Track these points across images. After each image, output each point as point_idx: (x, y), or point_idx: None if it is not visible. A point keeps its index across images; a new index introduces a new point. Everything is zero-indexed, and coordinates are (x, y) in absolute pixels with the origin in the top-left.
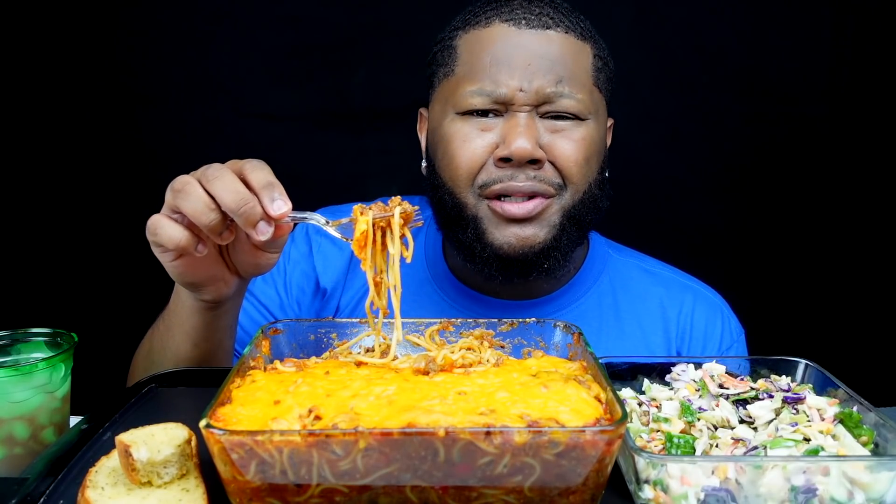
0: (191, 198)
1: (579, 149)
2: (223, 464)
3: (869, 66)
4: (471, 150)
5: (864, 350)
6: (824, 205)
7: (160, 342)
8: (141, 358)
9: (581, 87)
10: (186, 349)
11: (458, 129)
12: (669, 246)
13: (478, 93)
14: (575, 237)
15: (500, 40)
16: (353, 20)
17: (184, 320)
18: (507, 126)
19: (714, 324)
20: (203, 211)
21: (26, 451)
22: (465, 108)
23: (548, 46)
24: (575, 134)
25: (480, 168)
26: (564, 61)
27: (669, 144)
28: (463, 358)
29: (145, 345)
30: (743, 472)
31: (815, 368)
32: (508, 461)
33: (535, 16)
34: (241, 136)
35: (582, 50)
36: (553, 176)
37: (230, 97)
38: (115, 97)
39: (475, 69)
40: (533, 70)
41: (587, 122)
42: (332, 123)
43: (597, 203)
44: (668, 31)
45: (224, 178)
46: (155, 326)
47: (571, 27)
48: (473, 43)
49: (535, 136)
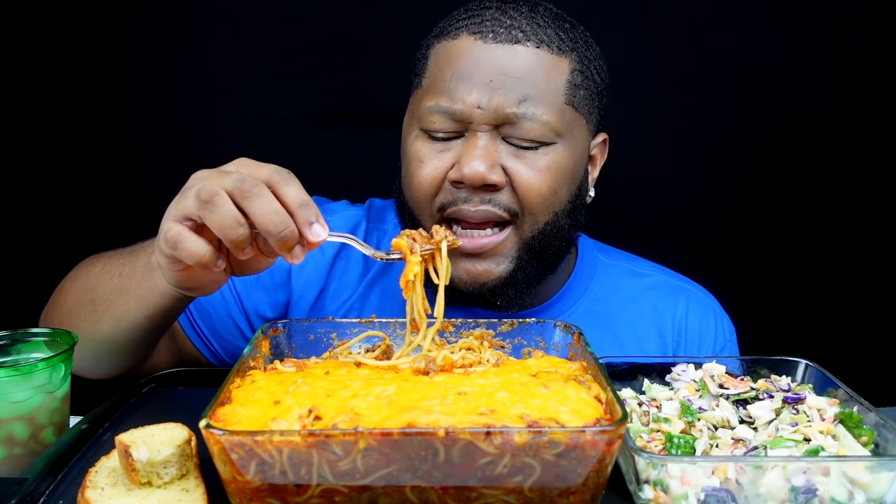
0: (220, 211)
1: (543, 178)
2: (223, 464)
3: (869, 66)
4: (427, 171)
5: (864, 350)
6: (824, 205)
7: (107, 294)
8: (74, 291)
9: (549, 108)
10: (138, 318)
11: (418, 149)
12: (668, 246)
13: (435, 109)
14: (538, 269)
15: (464, 54)
16: (353, 20)
17: (148, 297)
18: (464, 147)
19: (707, 325)
20: (232, 226)
21: (26, 451)
22: (426, 125)
23: (513, 62)
24: (540, 161)
25: (438, 190)
26: (531, 79)
27: (669, 144)
28: (463, 358)
29: (84, 281)
30: (743, 472)
31: (815, 368)
32: (508, 461)
33: (505, 28)
34: (241, 136)
35: (555, 66)
36: (510, 202)
37: (230, 97)
38: (116, 97)
39: (437, 83)
40: (494, 87)
41: (555, 145)
42: (332, 123)
43: (563, 233)
44: (668, 31)
45: (262, 198)
46: (106, 271)
47: (546, 41)
48: (441, 55)
49: (493, 159)
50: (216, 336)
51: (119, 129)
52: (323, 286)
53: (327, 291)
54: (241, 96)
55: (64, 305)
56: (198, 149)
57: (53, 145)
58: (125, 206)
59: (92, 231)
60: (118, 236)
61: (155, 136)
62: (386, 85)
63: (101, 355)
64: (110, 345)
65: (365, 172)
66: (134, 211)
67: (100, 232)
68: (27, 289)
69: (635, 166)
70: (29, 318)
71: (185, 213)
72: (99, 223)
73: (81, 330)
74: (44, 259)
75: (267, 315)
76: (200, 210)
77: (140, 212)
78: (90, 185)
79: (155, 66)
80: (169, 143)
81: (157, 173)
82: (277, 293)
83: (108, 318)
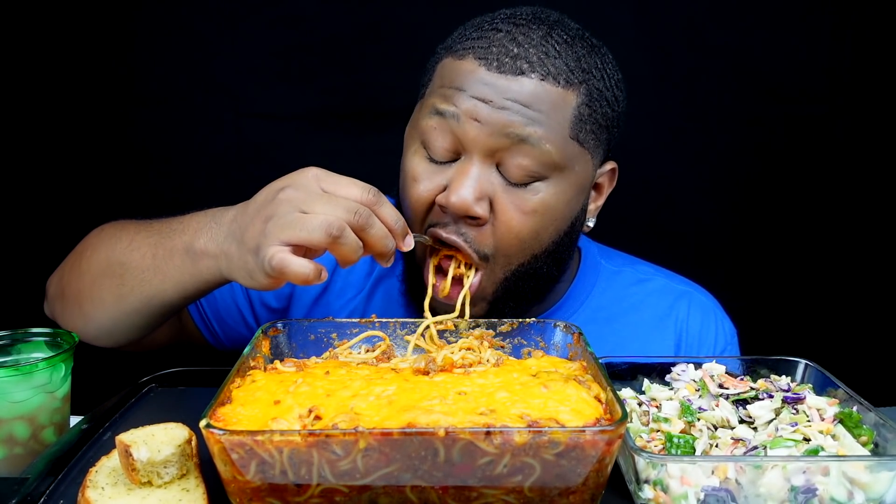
0: (348, 243)
1: (526, 220)
2: (223, 464)
3: (869, 66)
4: (419, 191)
5: (864, 350)
6: (824, 204)
7: (139, 272)
8: (98, 262)
9: (552, 137)
10: (174, 299)
11: (414, 166)
12: (668, 246)
13: (433, 111)
14: (515, 305)
15: (466, 76)
16: (353, 20)
17: (189, 282)
18: (456, 172)
19: (709, 328)
20: (353, 252)
21: (26, 450)
22: (425, 133)
23: (518, 92)
24: (529, 201)
25: (428, 211)
26: (535, 107)
27: (669, 144)
28: (463, 358)
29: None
30: (743, 472)
31: (815, 368)
32: (508, 461)
33: (511, 58)
34: (241, 136)
35: (561, 99)
36: (482, 244)
37: (230, 97)
38: (116, 97)
39: (437, 92)
40: (495, 107)
41: (549, 181)
42: (332, 123)
43: (541, 273)
44: (668, 31)
45: (375, 227)
46: (136, 248)
47: (553, 72)
48: (446, 71)
49: (483, 190)
50: (219, 320)
51: (119, 129)
52: (328, 282)
53: (332, 287)
54: (241, 96)
55: (86, 274)
56: (198, 149)
57: (53, 145)
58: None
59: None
60: None
61: (155, 136)
62: (386, 85)
63: (120, 326)
64: (134, 317)
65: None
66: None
67: None
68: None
69: (635, 166)
70: (29, 318)
71: (296, 242)
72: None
73: (105, 300)
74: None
75: (271, 304)
76: (331, 244)
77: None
78: (90, 185)
79: (155, 66)
80: (169, 143)
81: (157, 173)
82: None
83: (139, 294)
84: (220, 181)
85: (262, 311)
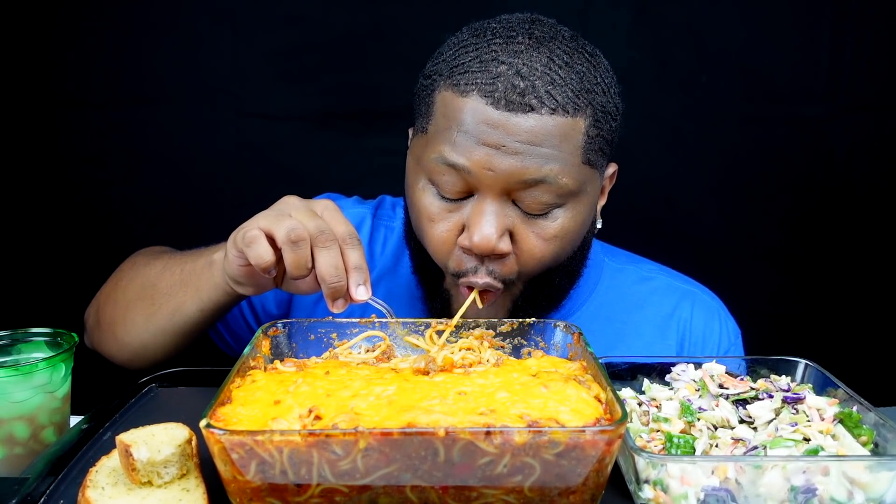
0: (299, 252)
1: (547, 247)
2: (223, 464)
3: (869, 66)
4: (438, 232)
5: (864, 350)
6: (824, 205)
7: (167, 289)
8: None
9: (567, 170)
10: (192, 311)
11: (427, 205)
12: (668, 246)
13: (441, 160)
14: (531, 309)
15: (473, 117)
16: (353, 20)
17: (204, 290)
18: (473, 211)
19: (712, 328)
20: (300, 266)
21: (27, 450)
22: (434, 178)
23: (529, 132)
24: (549, 228)
25: (450, 253)
26: (548, 144)
27: (669, 144)
28: (463, 358)
29: (144, 277)
30: (743, 472)
31: (815, 368)
32: (508, 461)
33: (518, 94)
34: (241, 136)
35: (571, 128)
36: (508, 272)
37: (230, 97)
38: (116, 97)
39: (444, 134)
40: (507, 152)
41: (565, 207)
42: (332, 123)
43: (555, 283)
44: (668, 31)
45: (331, 252)
46: (167, 269)
47: (562, 103)
48: (449, 107)
49: (503, 226)
50: (229, 331)
51: (119, 128)
52: None
53: None
54: (241, 96)
55: (121, 301)
56: (198, 149)
57: (53, 145)
58: (125, 206)
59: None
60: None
61: (155, 136)
62: (386, 85)
63: (149, 348)
64: (160, 336)
65: (365, 172)
66: (134, 210)
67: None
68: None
69: (635, 166)
70: (29, 318)
71: (270, 232)
72: (99, 223)
73: (136, 323)
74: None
75: (272, 311)
76: (285, 244)
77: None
78: (89, 185)
79: (155, 66)
80: (169, 143)
81: (157, 173)
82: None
83: (165, 311)
84: (220, 181)
85: (265, 316)
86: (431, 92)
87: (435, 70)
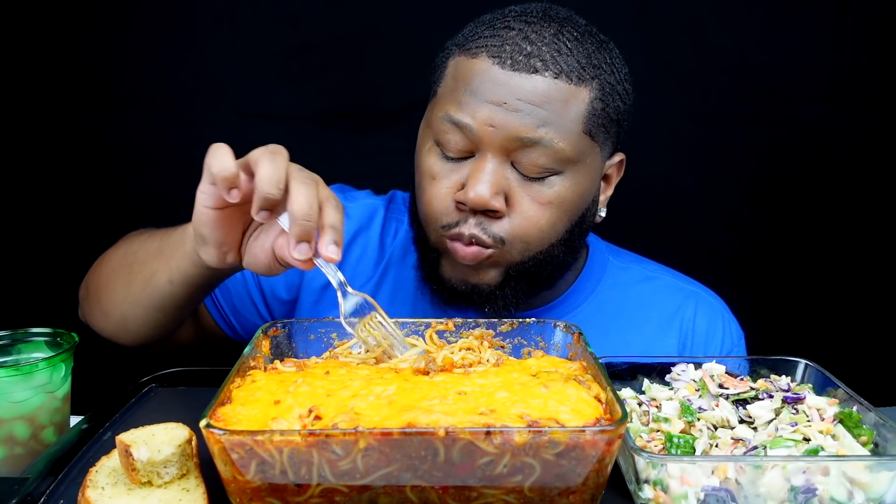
0: (275, 165)
1: (543, 212)
2: (223, 464)
3: (869, 66)
4: (437, 189)
5: (864, 350)
6: (824, 204)
7: (144, 257)
8: (116, 258)
9: (566, 135)
10: (162, 282)
11: (431, 165)
12: (668, 245)
13: (446, 119)
14: (527, 289)
15: (480, 76)
16: (353, 20)
17: (174, 258)
18: (472, 169)
19: (715, 328)
20: (272, 183)
21: (26, 451)
22: (439, 136)
23: (531, 92)
24: (545, 193)
25: (445, 209)
26: (548, 106)
27: (669, 144)
28: (463, 358)
29: (130, 246)
30: (743, 471)
31: (815, 368)
32: (508, 461)
33: (524, 56)
34: (242, 136)
35: (574, 96)
36: (501, 231)
37: (230, 97)
38: (116, 97)
39: (451, 94)
40: (508, 109)
41: (563, 175)
42: (332, 123)
43: (557, 260)
44: (668, 31)
45: (310, 190)
46: (149, 238)
47: (566, 70)
48: (458, 70)
49: (500, 185)
50: (235, 313)
51: (119, 128)
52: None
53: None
54: (241, 96)
55: (104, 270)
56: (198, 149)
57: (52, 145)
58: (125, 206)
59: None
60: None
61: (155, 136)
62: (386, 85)
63: (127, 319)
64: (137, 308)
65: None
66: (134, 210)
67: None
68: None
69: (635, 166)
70: (29, 318)
71: (245, 159)
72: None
73: (116, 292)
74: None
75: (282, 296)
76: (262, 155)
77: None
78: (89, 185)
79: (155, 66)
80: (169, 143)
81: (157, 173)
82: (291, 274)
83: (139, 280)
84: None
85: (275, 301)
86: (445, 60)
87: (452, 43)
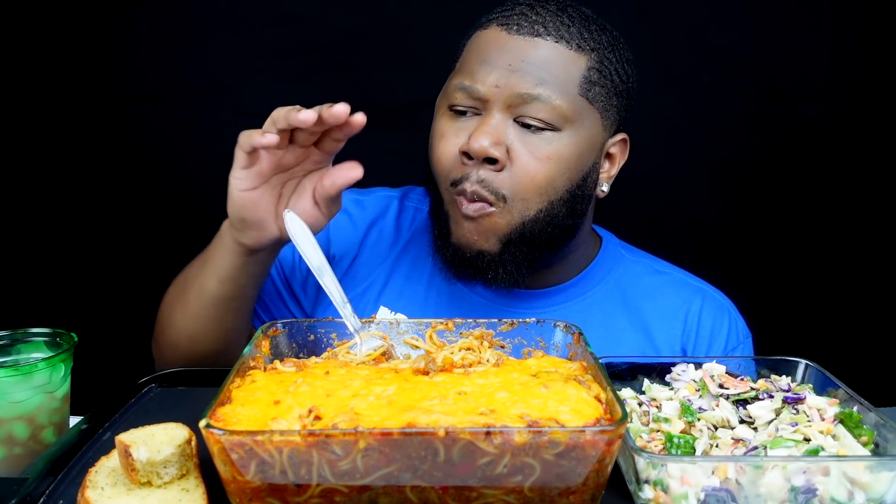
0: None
1: (541, 165)
2: (223, 464)
3: (869, 66)
4: (445, 146)
5: (864, 350)
6: (824, 205)
7: (193, 275)
8: (173, 289)
9: (562, 94)
10: (212, 285)
11: (442, 125)
12: (668, 245)
13: (459, 86)
14: (528, 253)
15: (489, 42)
16: (353, 20)
17: (217, 258)
18: (477, 123)
19: (721, 324)
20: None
21: (26, 451)
22: (451, 101)
23: (533, 52)
24: (543, 147)
25: (453, 164)
26: (547, 66)
27: (670, 144)
28: (463, 358)
29: (179, 278)
30: (743, 472)
31: (815, 368)
32: (508, 461)
33: (529, 23)
34: None
35: (573, 61)
36: (501, 185)
37: (230, 97)
38: (116, 97)
39: (465, 66)
40: (512, 70)
41: (561, 133)
42: None
43: (558, 221)
44: (669, 31)
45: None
46: (191, 263)
47: (567, 37)
48: (472, 43)
49: (500, 137)
50: (265, 309)
51: (119, 128)
52: (355, 255)
53: (359, 260)
54: (241, 96)
55: (163, 309)
56: (198, 149)
57: (53, 145)
58: (125, 206)
59: (92, 230)
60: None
61: (155, 136)
62: (386, 84)
63: (193, 338)
64: (198, 322)
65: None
66: (134, 210)
67: (100, 231)
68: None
69: (635, 166)
70: (29, 318)
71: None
72: (99, 222)
73: (176, 318)
74: (44, 259)
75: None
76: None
77: (140, 211)
78: (90, 185)
79: (155, 66)
80: (169, 143)
81: (157, 173)
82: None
83: (193, 296)
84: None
85: (298, 290)
86: (466, 41)
87: (472, 27)
